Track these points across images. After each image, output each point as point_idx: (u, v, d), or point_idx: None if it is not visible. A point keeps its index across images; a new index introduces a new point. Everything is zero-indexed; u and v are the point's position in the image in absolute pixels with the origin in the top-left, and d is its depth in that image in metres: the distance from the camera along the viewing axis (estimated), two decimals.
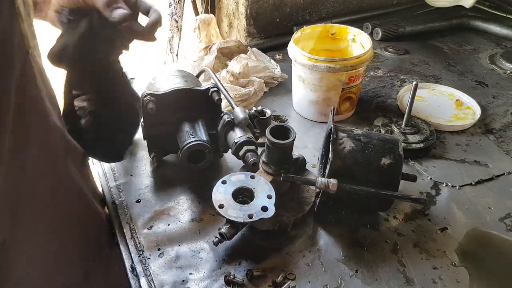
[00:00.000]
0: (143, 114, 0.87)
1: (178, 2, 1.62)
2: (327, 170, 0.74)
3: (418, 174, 0.90)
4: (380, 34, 1.51)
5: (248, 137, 0.83)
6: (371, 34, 1.54)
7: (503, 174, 0.90)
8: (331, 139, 0.75)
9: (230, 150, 0.86)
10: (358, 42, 1.11)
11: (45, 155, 0.64)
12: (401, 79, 1.27)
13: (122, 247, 0.77)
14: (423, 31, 1.56)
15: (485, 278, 0.70)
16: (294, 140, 0.76)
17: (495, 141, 1.00)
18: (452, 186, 0.87)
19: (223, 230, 0.72)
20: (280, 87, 1.24)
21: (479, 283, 0.69)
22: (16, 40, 0.53)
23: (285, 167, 0.79)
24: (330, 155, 0.73)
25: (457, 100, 1.13)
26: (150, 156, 0.92)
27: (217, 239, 0.72)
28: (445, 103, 1.13)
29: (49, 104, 0.64)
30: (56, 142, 0.66)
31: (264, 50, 1.38)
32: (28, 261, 0.63)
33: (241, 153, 0.81)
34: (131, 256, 0.75)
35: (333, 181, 0.71)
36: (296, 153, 0.85)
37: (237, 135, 0.83)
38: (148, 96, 0.83)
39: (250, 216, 0.70)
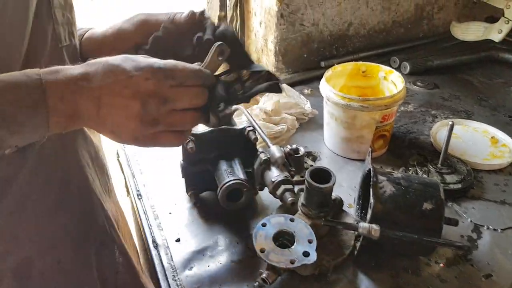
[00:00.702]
0: (182, 152, 0.89)
1: None
2: (368, 215, 0.73)
3: (457, 216, 0.88)
4: (408, 68, 1.52)
5: (285, 176, 0.83)
6: (398, 68, 1.54)
7: None
8: (371, 182, 0.75)
9: (265, 188, 0.86)
10: (389, 80, 1.12)
11: (60, 140, 0.69)
12: (432, 115, 1.27)
13: (164, 285, 0.78)
14: (452, 64, 1.56)
15: None
16: (334, 184, 0.77)
17: None
18: (494, 230, 0.86)
19: (264, 276, 0.71)
20: (310, 123, 1.25)
21: None
22: (49, 37, 0.65)
23: (325, 210, 0.79)
24: (371, 200, 0.73)
25: (492, 137, 1.12)
26: (187, 193, 0.94)
27: (258, 283, 0.72)
28: (480, 141, 1.12)
29: None
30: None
31: (292, 84, 1.40)
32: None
33: (278, 192, 0.82)
34: None
35: (375, 226, 0.71)
36: (333, 193, 0.85)
37: (274, 174, 0.84)
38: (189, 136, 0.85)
39: (292, 262, 0.70)
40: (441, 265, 0.79)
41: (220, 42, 0.63)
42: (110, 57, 0.58)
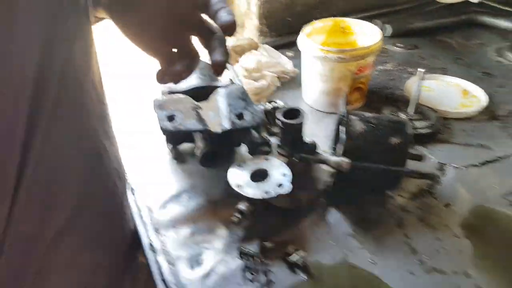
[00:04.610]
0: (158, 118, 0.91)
1: None
2: (340, 150, 0.78)
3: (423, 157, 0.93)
4: (389, 30, 1.55)
5: (263, 138, 0.89)
6: (381, 31, 1.57)
7: (507, 156, 0.93)
8: (343, 121, 0.79)
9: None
10: (368, 35, 1.15)
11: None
12: (409, 72, 1.31)
13: (140, 226, 0.82)
14: (432, 27, 1.59)
15: (487, 248, 0.73)
16: (304, 119, 0.81)
17: (500, 126, 1.03)
18: (457, 167, 0.90)
19: (241, 207, 0.76)
20: (291, 82, 1.28)
21: (481, 254, 0.72)
22: None
23: (298, 149, 0.84)
24: (343, 136, 0.78)
25: (463, 90, 1.17)
26: (167, 147, 0.97)
27: (236, 217, 0.76)
28: (452, 93, 1.17)
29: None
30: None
31: (276, 48, 1.43)
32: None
33: (256, 153, 0.88)
34: (147, 234, 0.80)
35: (345, 160, 0.76)
36: (308, 138, 0.90)
37: (253, 135, 0.88)
38: (167, 94, 0.89)
39: (267, 192, 0.75)
40: (406, 198, 0.83)
41: None
42: None
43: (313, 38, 1.16)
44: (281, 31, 1.57)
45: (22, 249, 0.56)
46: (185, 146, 0.99)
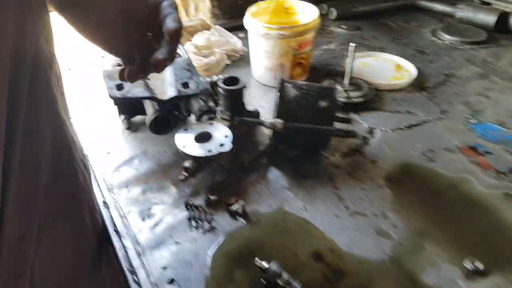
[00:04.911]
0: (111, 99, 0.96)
1: None
2: (274, 113, 0.86)
3: (356, 123, 1.02)
4: (335, 14, 1.64)
5: (209, 106, 0.95)
6: (327, 14, 1.67)
7: (430, 120, 1.04)
8: (279, 88, 0.87)
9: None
10: (308, 15, 1.24)
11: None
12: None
13: (95, 187, 0.87)
14: (375, 10, 1.70)
15: (404, 195, 0.83)
16: (243, 87, 0.89)
17: (427, 96, 1.14)
18: (385, 131, 1.00)
19: (186, 164, 0.83)
20: (241, 60, 1.35)
21: (399, 199, 0.82)
22: None
23: (239, 114, 0.91)
24: (277, 101, 0.86)
25: (397, 65, 1.27)
26: (120, 118, 1.03)
27: (183, 175, 0.83)
28: (386, 68, 1.27)
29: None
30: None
31: (228, 30, 1.49)
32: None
33: (203, 120, 0.94)
34: (102, 194, 0.86)
35: (279, 120, 0.84)
36: (251, 107, 0.97)
37: (200, 103, 0.95)
38: (116, 65, 0.95)
39: (210, 151, 0.82)
40: (337, 156, 0.92)
41: None
42: None
43: (258, 18, 1.23)
44: (233, 14, 1.63)
45: (15, 248, 0.56)
46: (137, 118, 1.04)
